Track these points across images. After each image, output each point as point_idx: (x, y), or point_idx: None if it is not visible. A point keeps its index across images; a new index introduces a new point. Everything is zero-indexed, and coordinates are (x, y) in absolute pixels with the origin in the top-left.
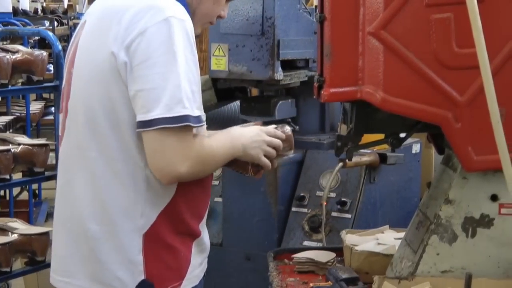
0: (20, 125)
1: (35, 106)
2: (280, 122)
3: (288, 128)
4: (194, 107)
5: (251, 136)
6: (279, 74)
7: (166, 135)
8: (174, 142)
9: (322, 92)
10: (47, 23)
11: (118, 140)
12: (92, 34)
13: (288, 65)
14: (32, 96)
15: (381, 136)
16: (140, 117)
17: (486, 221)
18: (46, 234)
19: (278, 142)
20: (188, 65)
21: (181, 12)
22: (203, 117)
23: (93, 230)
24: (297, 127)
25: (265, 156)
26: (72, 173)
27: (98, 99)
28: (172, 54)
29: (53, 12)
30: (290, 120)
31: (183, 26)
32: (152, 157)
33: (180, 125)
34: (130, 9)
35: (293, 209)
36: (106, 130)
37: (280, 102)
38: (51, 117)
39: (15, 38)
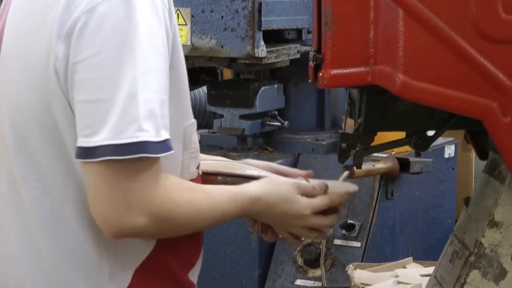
0: None
1: None
2: (263, 116)
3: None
4: (159, 127)
5: (283, 209)
6: (261, 50)
7: (113, 170)
8: (125, 183)
9: (321, 74)
10: None
11: (65, 173)
12: (23, 11)
13: (274, 38)
14: None
15: (401, 134)
16: (81, 142)
17: None
18: None
19: (328, 221)
20: (158, 60)
21: None
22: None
23: None
24: (286, 123)
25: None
26: (4, 219)
27: (33, 113)
28: (130, 46)
29: None
30: (275, 113)
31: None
32: (94, 198)
33: (130, 157)
34: None
35: None
36: (47, 159)
37: (263, 88)
38: None
39: None
